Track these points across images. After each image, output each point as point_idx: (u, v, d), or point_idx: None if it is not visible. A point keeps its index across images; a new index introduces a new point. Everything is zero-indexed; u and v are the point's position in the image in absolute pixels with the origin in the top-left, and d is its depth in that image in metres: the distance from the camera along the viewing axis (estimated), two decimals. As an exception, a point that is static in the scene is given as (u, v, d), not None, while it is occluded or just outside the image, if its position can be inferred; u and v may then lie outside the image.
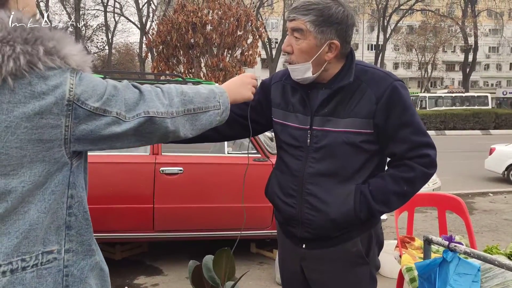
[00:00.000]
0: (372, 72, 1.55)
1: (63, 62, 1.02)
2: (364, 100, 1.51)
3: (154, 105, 1.10)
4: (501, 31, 37.93)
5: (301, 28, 1.49)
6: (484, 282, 1.82)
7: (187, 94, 1.19)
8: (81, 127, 1.03)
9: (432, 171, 1.54)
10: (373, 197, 1.52)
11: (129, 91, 1.10)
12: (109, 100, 1.05)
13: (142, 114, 1.08)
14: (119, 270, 4.00)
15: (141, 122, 1.08)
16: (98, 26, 36.58)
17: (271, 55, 30.53)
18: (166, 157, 3.89)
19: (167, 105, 1.13)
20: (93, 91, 1.04)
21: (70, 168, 1.06)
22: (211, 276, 2.14)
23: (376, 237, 1.64)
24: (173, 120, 1.13)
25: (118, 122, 1.06)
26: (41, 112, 0.98)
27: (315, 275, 1.65)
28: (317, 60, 1.52)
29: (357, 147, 1.52)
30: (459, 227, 5.17)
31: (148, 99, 1.10)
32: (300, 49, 1.51)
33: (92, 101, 1.03)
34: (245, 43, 11.99)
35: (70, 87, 1.01)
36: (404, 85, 1.57)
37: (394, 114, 1.50)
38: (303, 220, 1.58)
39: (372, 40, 43.25)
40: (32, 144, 0.98)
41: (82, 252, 1.11)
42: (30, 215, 1.01)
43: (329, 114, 1.54)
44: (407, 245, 2.79)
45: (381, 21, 35.39)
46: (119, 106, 1.06)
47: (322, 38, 1.49)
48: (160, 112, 1.11)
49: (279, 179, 1.68)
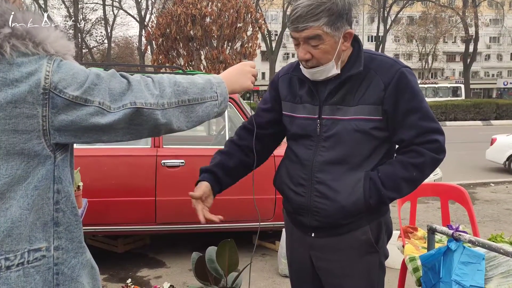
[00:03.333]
0: (380, 60, 1.55)
1: (40, 49, 0.96)
2: (372, 87, 1.51)
3: (142, 95, 1.03)
4: (501, 21, 37.74)
5: (318, 34, 1.46)
6: (488, 270, 1.81)
7: (180, 84, 1.11)
8: (60, 117, 0.97)
9: (441, 157, 1.54)
10: (382, 183, 1.51)
11: (115, 80, 1.03)
12: (91, 89, 0.98)
13: (129, 105, 1.01)
14: (121, 263, 4.01)
15: (128, 114, 1.01)
16: (97, 19, 36.46)
17: (271, 47, 30.42)
18: (168, 150, 3.88)
19: (157, 96, 1.06)
20: (73, 79, 0.97)
21: (54, 161, 1.00)
22: (214, 267, 2.14)
23: (386, 226, 1.64)
24: (164, 112, 1.06)
25: (101, 112, 0.99)
26: (14, 101, 0.92)
27: (323, 263, 1.64)
28: (337, 55, 1.52)
29: (367, 134, 1.52)
30: (461, 217, 5.17)
31: (136, 89, 1.03)
32: (321, 52, 1.49)
33: (71, 89, 0.96)
34: (244, 35, 11.95)
35: (46, 74, 0.95)
36: (412, 71, 1.57)
37: (402, 100, 1.50)
38: (312, 209, 1.58)
39: (372, 32, 43.06)
40: (6, 135, 0.93)
41: (72, 249, 1.06)
42: (12, 212, 0.96)
43: (338, 102, 1.54)
44: (410, 235, 2.79)
45: (381, 12, 35.21)
46: (103, 96, 0.99)
47: (338, 33, 1.49)
48: (149, 103, 1.03)
49: (288, 168, 1.67)
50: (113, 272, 3.81)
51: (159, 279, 3.67)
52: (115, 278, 3.70)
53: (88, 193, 3.02)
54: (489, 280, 1.81)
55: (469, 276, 1.75)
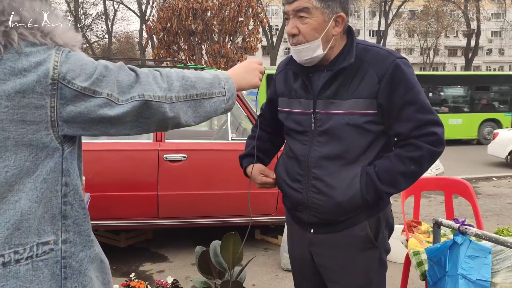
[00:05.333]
0: (374, 51, 1.52)
1: (48, 39, 0.95)
2: (366, 80, 1.48)
3: (150, 88, 1.02)
4: (504, 15, 37.54)
5: (307, 7, 1.44)
6: (495, 264, 1.80)
7: (189, 79, 1.10)
8: (69, 109, 0.96)
9: (440, 149, 1.50)
10: (379, 178, 1.49)
11: (123, 72, 1.02)
12: (99, 81, 0.97)
13: (137, 98, 1.00)
14: (124, 258, 4.01)
15: (136, 106, 1.00)
16: (97, 14, 36.31)
17: (272, 42, 30.30)
18: (170, 144, 3.86)
19: (165, 89, 1.05)
20: (81, 70, 0.96)
21: (62, 154, 1.00)
22: (218, 261, 2.13)
23: (386, 221, 1.61)
24: (172, 105, 1.05)
25: (110, 104, 0.98)
26: (23, 91, 0.91)
27: (323, 259, 1.63)
28: (325, 36, 1.49)
29: (361, 129, 1.49)
30: (463, 211, 5.17)
31: (144, 82, 1.02)
32: (308, 27, 1.47)
33: (80, 80, 0.95)
34: (246, 29, 11.90)
35: (54, 64, 0.94)
36: (408, 62, 1.53)
37: (398, 93, 1.46)
38: (310, 205, 1.57)
39: (374, 26, 42.88)
40: (14, 125, 0.92)
41: (80, 243, 1.05)
42: (21, 205, 0.95)
43: (332, 96, 1.51)
44: (414, 229, 2.77)
45: (383, 6, 35.05)
46: (111, 87, 0.98)
47: (329, 13, 1.47)
48: (157, 96, 1.03)
49: (286, 164, 1.66)
50: (116, 267, 3.81)
51: (162, 274, 3.67)
52: (117, 273, 3.70)
53: (90, 187, 3.01)
54: (496, 274, 1.80)
55: (475, 270, 1.74)
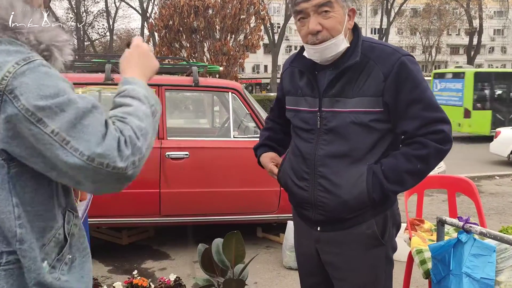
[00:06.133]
0: (380, 49, 1.50)
1: (18, 36, 0.84)
2: (372, 78, 1.47)
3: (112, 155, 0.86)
4: (506, 13, 37.47)
5: (329, 0, 1.43)
6: (499, 262, 1.79)
7: (143, 129, 0.94)
8: (7, 126, 0.84)
9: (447, 147, 1.49)
10: (385, 177, 1.48)
11: (94, 119, 0.85)
12: (53, 112, 0.82)
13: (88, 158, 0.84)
14: (126, 255, 4.01)
15: (81, 166, 0.84)
16: (99, 12, 36.30)
17: (274, 40, 30.25)
18: (172, 142, 3.86)
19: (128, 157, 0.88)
20: (37, 89, 0.82)
21: (8, 171, 0.88)
22: (220, 259, 2.12)
23: (393, 218, 1.61)
24: (135, 169, 0.91)
25: (53, 145, 0.83)
26: None
27: (330, 257, 1.63)
28: (345, 31, 1.49)
29: (367, 127, 1.48)
30: (465, 210, 5.15)
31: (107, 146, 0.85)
32: (332, 21, 1.45)
33: (26, 98, 0.81)
34: (247, 27, 11.87)
35: (5, 74, 0.82)
36: (414, 59, 1.51)
37: (404, 91, 1.45)
38: (316, 203, 1.56)
39: (376, 24, 42.82)
40: None
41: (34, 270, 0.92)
42: None
43: (337, 94, 1.50)
44: (417, 227, 2.77)
45: (385, 4, 34.97)
46: (61, 126, 0.82)
47: (345, 7, 1.47)
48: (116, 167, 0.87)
49: (292, 163, 1.65)
50: (118, 264, 3.81)
51: (164, 271, 3.67)
52: (119, 270, 3.70)
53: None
54: (500, 272, 1.79)
55: (479, 269, 1.73)
